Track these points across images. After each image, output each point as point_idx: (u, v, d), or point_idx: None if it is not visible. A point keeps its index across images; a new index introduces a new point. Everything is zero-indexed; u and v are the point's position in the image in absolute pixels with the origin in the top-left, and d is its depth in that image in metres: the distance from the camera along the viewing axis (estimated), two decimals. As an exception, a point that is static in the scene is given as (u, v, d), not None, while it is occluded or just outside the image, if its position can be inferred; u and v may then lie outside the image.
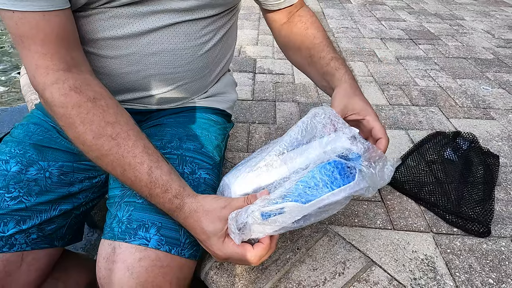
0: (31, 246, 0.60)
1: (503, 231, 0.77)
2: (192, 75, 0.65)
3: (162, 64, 0.62)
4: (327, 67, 0.68)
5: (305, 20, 0.75)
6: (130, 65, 0.61)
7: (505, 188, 0.90)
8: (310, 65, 0.73)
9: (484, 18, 2.44)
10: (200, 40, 0.63)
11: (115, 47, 0.59)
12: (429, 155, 0.98)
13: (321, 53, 0.70)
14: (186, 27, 0.61)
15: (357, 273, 0.67)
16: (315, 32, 0.73)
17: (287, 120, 1.18)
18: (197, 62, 0.65)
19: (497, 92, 1.42)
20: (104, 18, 0.57)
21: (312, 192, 0.52)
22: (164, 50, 0.61)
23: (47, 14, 0.49)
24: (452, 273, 0.68)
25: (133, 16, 0.57)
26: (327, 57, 0.69)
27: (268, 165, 0.55)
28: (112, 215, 0.59)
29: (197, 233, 0.52)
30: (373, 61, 1.69)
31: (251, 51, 1.78)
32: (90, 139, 0.51)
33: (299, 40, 0.74)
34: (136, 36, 0.59)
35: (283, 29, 0.77)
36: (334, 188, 0.53)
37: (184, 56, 0.62)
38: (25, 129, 0.67)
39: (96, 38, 0.58)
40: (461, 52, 1.83)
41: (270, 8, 0.76)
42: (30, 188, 0.61)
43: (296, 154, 0.56)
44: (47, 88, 0.51)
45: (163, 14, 0.59)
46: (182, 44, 0.61)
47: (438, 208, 0.82)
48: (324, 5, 2.67)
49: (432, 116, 1.23)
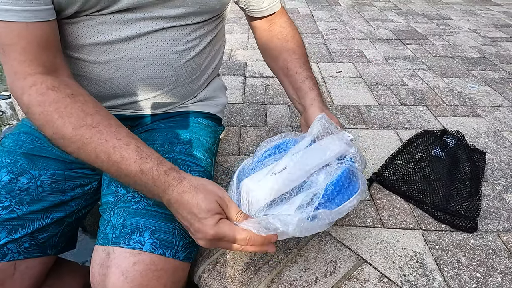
0: (24, 255, 0.60)
1: (490, 226, 0.79)
2: (180, 80, 0.66)
3: (150, 68, 0.63)
4: (301, 84, 0.74)
5: (286, 32, 0.80)
6: (118, 70, 0.62)
7: (492, 183, 0.92)
8: (285, 75, 0.79)
9: (470, 17, 2.48)
10: (187, 45, 0.65)
11: (103, 52, 0.60)
12: (417, 154, 1.00)
13: (297, 69, 0.76)
14: (173, 32, 0.62)
15: (348, 272, 0.68)
16: (294, 47, 0.78)
17: (278, 123, 1.20)
18: (185, 67, 0.66)
19: (483, 89, 1.45)
20: (93, 24, 0.58)
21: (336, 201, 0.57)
22: (152, 55, 0.62)
23: (30, 25, 0.50)
24: (441, 269, 0.69)
25: (121, 22, 0.58)
26: (303, 74, 0.75)
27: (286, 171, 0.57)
28: (105, 221, 0.59)
29: (191, 208, 0.49)
30: (362, 62, 1.72)
31: (241, 55, 1.79)
32: (69, 131, 0.50)
33: (278, 50, 0.79)
34: (124, 41, 0.60)
35: (264, 36, 0.83)
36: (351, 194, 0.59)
37: (171, 61, 0.64)
38: (15, 138, 0.68)
39: (85, 43, 0.59)
40: (448, 51, 1.86)
41: (253, 15, 0.81)
42: (22, 197, 0.61)
43: (306, 158, 0.60)
44: (25, 91, 0.51)
45: (150, 20, 0.60)
46: (169, 49, 0.63)
47: (427, 205, 0.84)
48: (313, 8, 2.70)
49: (420, 115, 1.25)
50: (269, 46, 0.81)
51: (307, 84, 0.73)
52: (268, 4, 0.78)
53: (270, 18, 0.82)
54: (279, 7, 0.81)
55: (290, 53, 0.77)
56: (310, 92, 0.72)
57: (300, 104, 0.75)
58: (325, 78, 1.53)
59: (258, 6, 0.78)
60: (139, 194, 0.60)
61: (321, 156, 0.61)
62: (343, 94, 1.39)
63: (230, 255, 0.72)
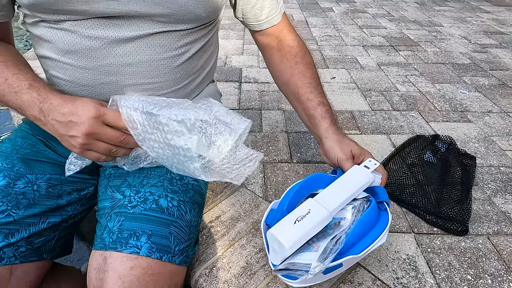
0: (20, 259, 0.60)
1: (480, 229, 0.81)
2: (170, 86, 0.66)
3: (138, 74, 0.63)
4: (313, 111, 0.72)
5: (295, 52, 0.77)
6: (107, 75, 0.62)
7: (482, 188, 0.94)
8: (297, 101, 0.76)
9: (461, 24, 2.53)
10: (176, 51, 0.64)
11: (92, 58, 0.60)
12: (410, 158, 1.02)
13: (309, 95, 0.73)
14: (161, 38, 0.61)
15: (342, 275, 0.69)
16: (304, 69, 0.75)
17: (273, 128, 1.21)
18: (174, 73, 0.65)
19: (474, 95, 1.48)
20: (80, 29, 0.57)
21: (361, 240, 0.57)
22: (140, 61, 0.61)
23: None
24: (433, 271, 0.71)
25: (109, 26, 0.58)
26: (315, 100, 0.73)
27: (311, 212, 0.58)
28: (102, 226, 0.60)
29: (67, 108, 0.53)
30: (355, 68, 1.74)
31: (236, 60, 1.81)
32: None
33: (288, 74, 0.76)
34: (112, 46, 0.59)
35: (273, 56, 0.79)
36: (381, 230, 0.58)
37: (160, 67, 0.63)
38: (12, 143, 0.68)
39: (73, 49, 0.59)
40: (439, 57, 1.90)
41: (253, 29, 0.78)
42: (18, 201, 0.61)
43: (332, 196, 0.61)
44: None
45: (137, 24, 0.59)
46: (158, 55, 0.62)
47: (419, 209, 0.85)
48: (307, 14, 2.73)
49: (412, 121, 1.27)
50: (279, 68, 0.78)
51: (319, 111, 0.72)
52: (266, 17, 0.75)
53: (276, 36, 0.78)
54: (278, 20, 0.76)
55: (300, 76, 0.74)
56: (323, 121, 0.71)
57: (314, 133, 0.74)
58: (319, 84, 1.55)
59: (256, 18, 0.75)
60: (135, 199, 0.60)
61: (347, 191, 0.61)
62: (337, 99, 1.41)
63: (227, 259, 0.73)
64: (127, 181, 0.64)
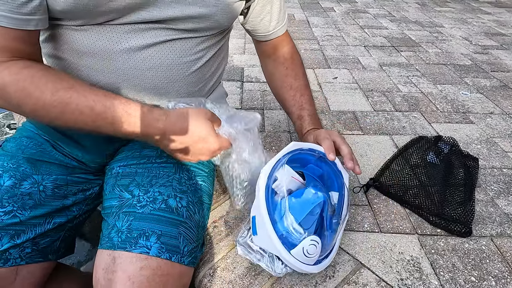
0: (26, 260, 0.60)
1: (484, 230, 0.81)
2: (186, 89, 0.67)
3: (157, 78, 0.63)
4: (295, 121, 0.83)
5: (287, 65, 0.85)
6: (126, 79, 0.62)
7: (485, 189, 0.94)
8: (284, 107, 0.87)
9: (462, 25, 2.54)
10: (194, 56, 0.65)
11: (112, 61, 0.60)
12: (412, 159, 1.02)
13: (291, 108, 0.83)
14: (181, 43, 0.62)
15: (346, 276, 0.69)
16: (292, 81, 0.84)
17: (276, 128, 1.21)
18: (191, 77, 0.67)
19: (476, 96, 1.48)
20: (103, 32, 0.57)
21: None
22: (160, 65, 0.62)
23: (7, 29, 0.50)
24: (437, 273, 0.71)
25: (131, 32, 0.58)
26: (295, 114, 0.82)
27: None
28: (109, 225, 0.59)
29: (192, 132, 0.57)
30: (357, 68, 1.74)
31: (238, 60, 1.80)
32: (49, 97, 0.51)
33: (278, 84, 0.86)
34: (133, 51, 0.60)
35: (268, 65, 0.88)
36: None
37: (179, 71, 0.64)
38: (17, 142, 0.68)
39: (92, 51, 0.59)
40: (440, 58, 1.90)
41: (259, 39, 0.84)
42: (24, 202, 0.61)
43: None
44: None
45: (160, 30, 0.60)
46: (177, 59, 0.63)
47: (422, 210, 0.85)
48: (309, 14, 2.73)
49: (414, 121, 1.27)
50: (271, 78, 0.88)
51: (298, 124, 0.81)
52: (274, 28, 0.80)
53: (274, 45, 0.84)
54: (283, 31, 0.83)
55: (288, 89, 0.83)
56: (300, 131, 0.80)
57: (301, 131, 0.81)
58: (321, 84, 1.56)
59: (265, 29, 0.80)
60: (144, 199, 0.60)
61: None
62: (339, 100, 1.41)
63: (231, 260, 0.73)
64: (135, 181, 0.64)
